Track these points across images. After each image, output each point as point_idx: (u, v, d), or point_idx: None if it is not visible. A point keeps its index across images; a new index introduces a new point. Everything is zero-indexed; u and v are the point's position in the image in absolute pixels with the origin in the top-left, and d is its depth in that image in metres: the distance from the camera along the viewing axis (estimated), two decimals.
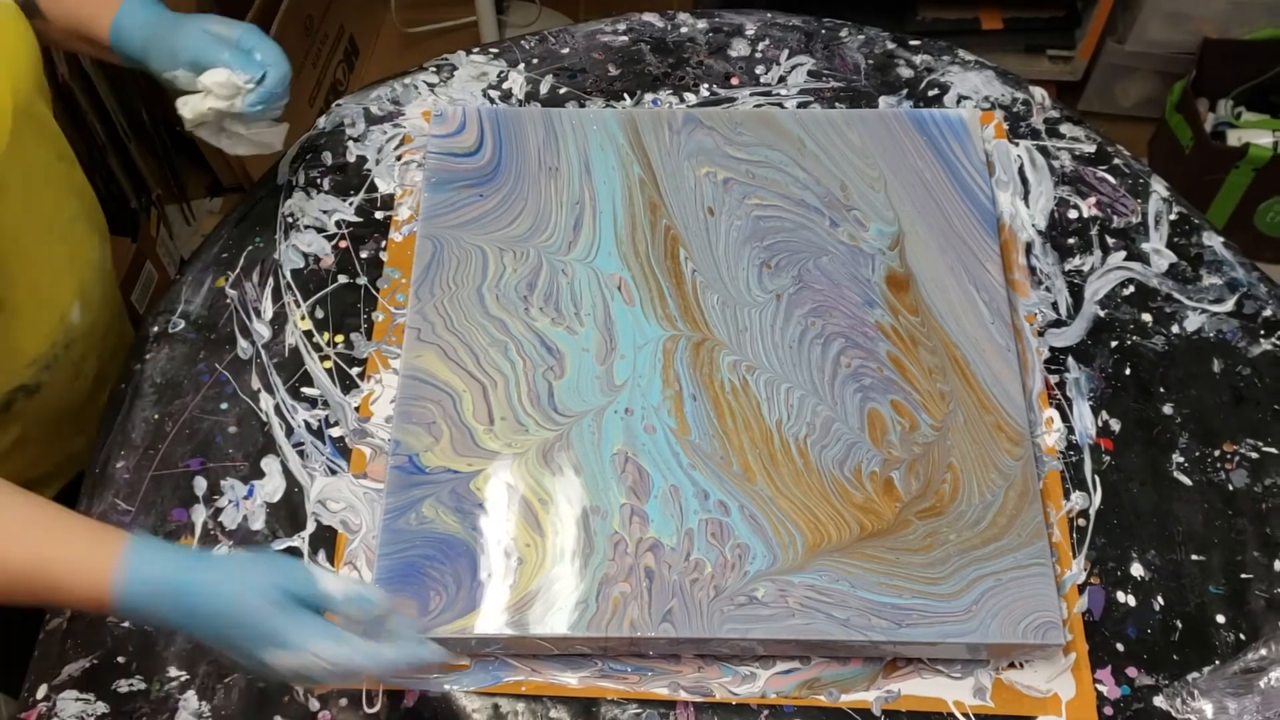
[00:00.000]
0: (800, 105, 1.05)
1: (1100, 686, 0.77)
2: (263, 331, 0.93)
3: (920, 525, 0.79)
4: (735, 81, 1.07)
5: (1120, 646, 0.79)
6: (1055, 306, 0.93)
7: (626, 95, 1.06)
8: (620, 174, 0.96)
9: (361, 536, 0.83)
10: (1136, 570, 0.82)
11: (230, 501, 0.85)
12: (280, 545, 0.83)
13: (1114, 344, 0.91)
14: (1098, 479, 0.85)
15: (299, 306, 0.94)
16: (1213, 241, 0.97)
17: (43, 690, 0.78)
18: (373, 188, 1.00)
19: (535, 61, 1.09)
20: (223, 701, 0.77)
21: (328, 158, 1.03)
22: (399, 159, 1.02)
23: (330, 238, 0.98)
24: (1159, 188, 1.00)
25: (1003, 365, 0.86)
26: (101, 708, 0.77)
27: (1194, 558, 0.82)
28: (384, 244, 0.97)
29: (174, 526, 0.84)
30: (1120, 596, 0.81)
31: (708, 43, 1.11)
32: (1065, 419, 0.87)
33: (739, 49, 1.10)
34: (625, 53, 1.10)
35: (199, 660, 0.79)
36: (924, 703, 0.77)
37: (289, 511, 0.84)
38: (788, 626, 0.75)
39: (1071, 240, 0.97)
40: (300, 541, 0.83)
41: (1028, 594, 0.76)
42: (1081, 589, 0.81)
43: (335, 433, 0.87)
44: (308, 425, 0.88)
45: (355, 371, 0.90)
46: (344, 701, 0.77)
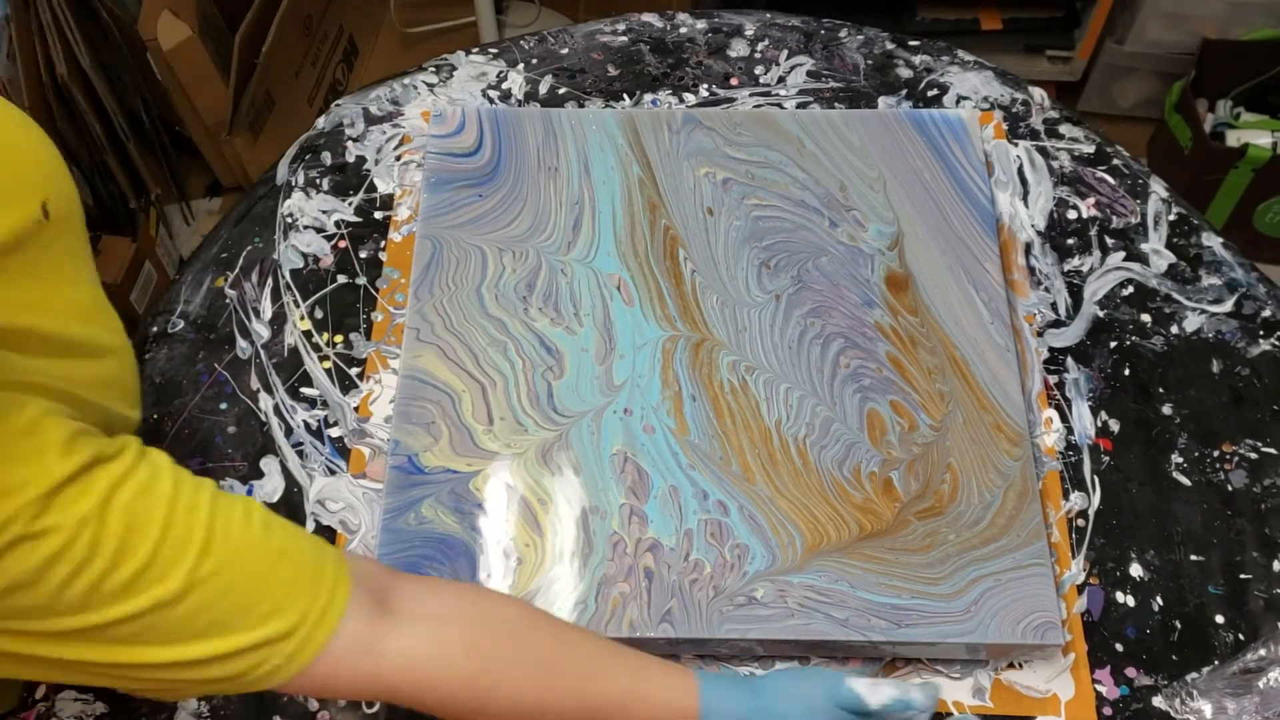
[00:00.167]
0: (799, 105, 1.05)
1: (1099, 687, 0.77)
2: (262, 332, 0.93)
3: (919, 525, 0.79)
4: (734, 82, 1.07)
5: (1119, 647, 0.79)
6: (1054, 307, 0.93)
7: (626, 95, 1.06)
8: (619, 174, 0.96)
9: (360, 536, 0.83)
10: (1135, 570, 0.82)
11: None
12: None
13: (1113, 344, 0.91)
14: (1097, 479, 0.85)
15: (298, 306, 0.94)
16: (1212, 242, 0.97)
17: (41, 690, 0.78)
18: (372, 188, 1.00)
19: (534, 62, 1.09)
20: (222, 701, 0.77)
21: (327, 158, 1.03)
22: (398, 159, 1.02)
23: (329, 238, 0.98)
24: (1158, 188, 1.00)
25: (1002, 365, 0.86)
26: (100, 708, 0.77)
27: (1193, 558, 0.82)
28: (383, 244, 0.97)
29: None
30: (1119, 597, 0.81)
31: (707, 43, 1.11)
32: (1064, 419, 0.87)
33: (738, 49, 1.10)
34: (624, 53, 1.10)
35: None
36: None
37: (288, 511, 0.84)
38: (787, 627, 0.75)
39: (1071, 241, 0.97)
40: None
41: (1027, 594, 0.76)
42: (1080, 589, 0.81)
43: (334, 433, 0.87)
44: (307, 425, 0.88)
45: (354, 372, 0.90)
46: (342, 702, 0.77)
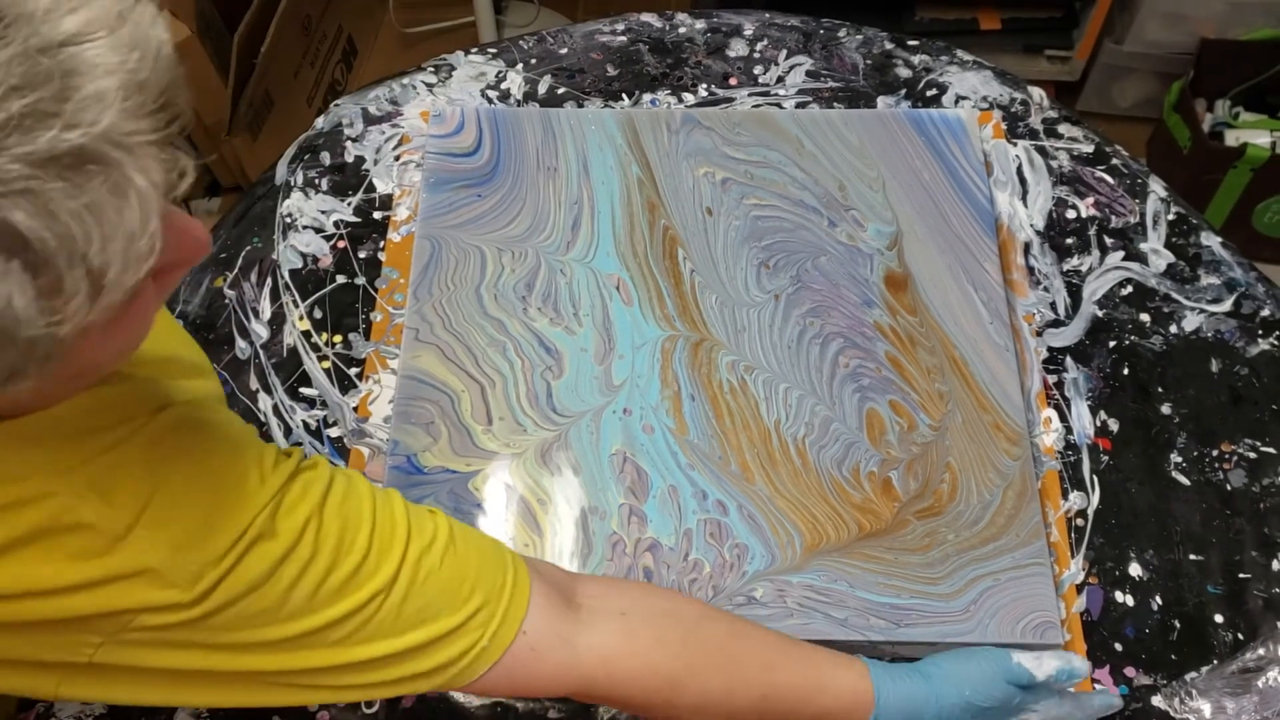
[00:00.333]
0: (798, 105, 1.05)
1: (1099, 686, 0.77)
2: (261, 332, 0.93)
3: (918, 525, 0.79)
4: (733, 82, 1.07)
5: (1118, 646, 0.79)
6: (1053, 306, 0.93)
7: (625, 95, 1.06)
8: (619, 174, 0.96)
9: None
10: (1135, 570, 0.82)
11: None
12: None
13: (1112, 344, 0.91)
14: (1096, 479, 0.85)
15: (297, 307, 0.94)
16: (1211, 241, 0.97)
17: None
18: (371, 188, 1.00)
19: (534, 62, 1.09)
20: None
21: (326, 158, 1.02)
22: (397, 159, 1.02)
23: (328, 238, 0.97)
24: (1157, 188, 1.00)
25: (1001, 365, 0.86)
26: (99, 708, 0.77)
27: (1192, 557, 0.82)
28: (382, 244, 0.97)
29: None
30: (1118, 596, 0.81)
31: (706, 43, 1.11)
32: (1063, 419, 0.87)
33: (737, 49, 1.10)
34: (623, 53, 1.10)
35: None
36: None
37: None
38: (786, 626, 0.75)
39: (1070, 240, 0.97)
40: None
41: (1026, 594, 0.76)
42: (1080, 589, 0.81)
43: (334, 433, 0.87)
44: (306, 425, 0.88)
45: (354, 372, 0.90)
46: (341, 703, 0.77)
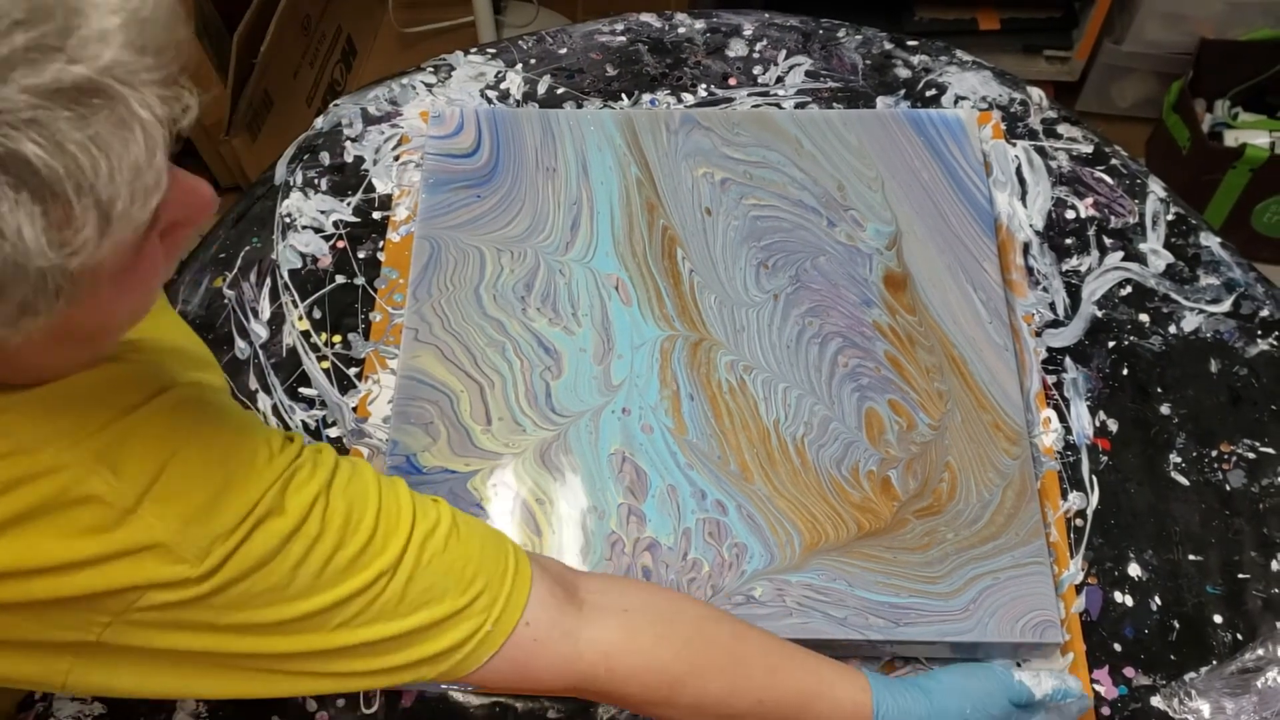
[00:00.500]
0: (798, 105, 1.05)
1: (1098, 686, 0.77)
2: (260, 332, 0.92)
3: (918, 524, 0.79)
4: (733, 82, 1.07)
5: (1118, 646, 0.79)
6: (1053, 307, 0.93)
7: (624, 96, 1.06)
8: (618, 174, 0.96)
9: None
10: (1134, 570, 0.82)
11: None
12: None
13: (1111, 344, 0.91)
14: (1095, 479, 0.85)
15: (296, 307, 0.94)
16: (1210, 242, 0.97)
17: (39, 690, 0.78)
18: (370, 188, 1.00)
19: (533, 62, 1.09)
20: (220, 701, 0.77)
21: (325, 158, 1.02)
22: (397, 159, 1.02)
23: (328, 238, 0.97)
24: (1156, 188, 1.00)
25: (1000, 365, 0.86)
26: (98, 708, 0.77)
27: (1191, 558, 0.82)
28: (381, 244, 0.97)
29: None
30: (1118, 596, 0.81)
31: (705, 43, 1.11)
32: (1063, 419, 0.87)
33: (736, 49, 1.10)
34: (623, 53, 1.10)
35: None
36: None
37: None
38: (785, 626, 0.75)
39: (1069, 240, 0.97)
40: None
41: (1025, 593, 0.76)
42: (1079, 589, 0.81)
43: (333, 433, 0.87)
44: (305, 425, 0.88)
45: (353, 372, 0.90)
46: (341, 702, 0.77)
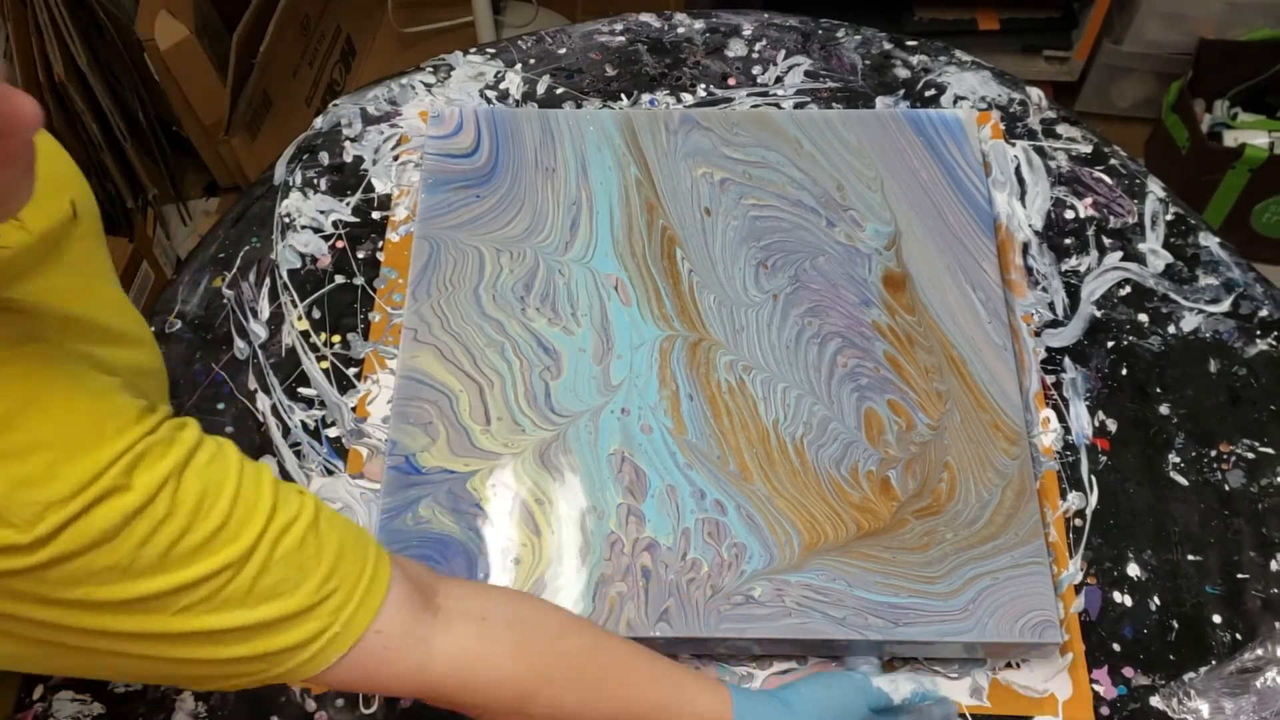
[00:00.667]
0: (797, 105, 1.05)
1: (1097, 686, 0.77)
2: (259, 332, 0.92)
3: (917, 524, 0.79)
4: (732, 82, 1.07)
5: (1117, 646, 0.79)
6: (1052, 307, 0.93)
7: (623, 96, 1.06)
8: (617, 174, 0.96)
9: None
10: (1133, 570, 0.82)
11: None
12: None
13: (1110, 344, 0.91)
14: (1094, 479, 0.85)
15: (296, 307, 0.94)
16: (1209, 242, 0.97)
17: (39, 691, 0.78)
18: (370, 188, 1.00)
19: (532, 62, 1.09)
20: (219, 701, 0.77)
21: (324, 158, 1.02)
22: (396, 159, 1.02)
23: (327, 238, 0.97)
24: (1155, 188, 1.00)
25: (999, 365, 0.86)
26: (98, 708, 0.77)
27: (1190, 558, 0.82)
28: (381, 244, 0.97)
29: None
30: (1117, 596, 0.81)
31: (705, 43, 1.11)
32: (1062, 419, 0.87)
33: (736, 49, 1.10)
34: (622, 53, 1.10)
35: None
36: None
37: None
38: (784, 626, 0.75)
39: (1068, 240, 0.97)
40: None
41: (1025, 593, 0.76)
42: (1078, 589, 0.81)
43: (332, 433, 0.87)
44: (304, 426, 0.88)
45: (352, 372, 0.90)
46: (340, 702, 0.77)
